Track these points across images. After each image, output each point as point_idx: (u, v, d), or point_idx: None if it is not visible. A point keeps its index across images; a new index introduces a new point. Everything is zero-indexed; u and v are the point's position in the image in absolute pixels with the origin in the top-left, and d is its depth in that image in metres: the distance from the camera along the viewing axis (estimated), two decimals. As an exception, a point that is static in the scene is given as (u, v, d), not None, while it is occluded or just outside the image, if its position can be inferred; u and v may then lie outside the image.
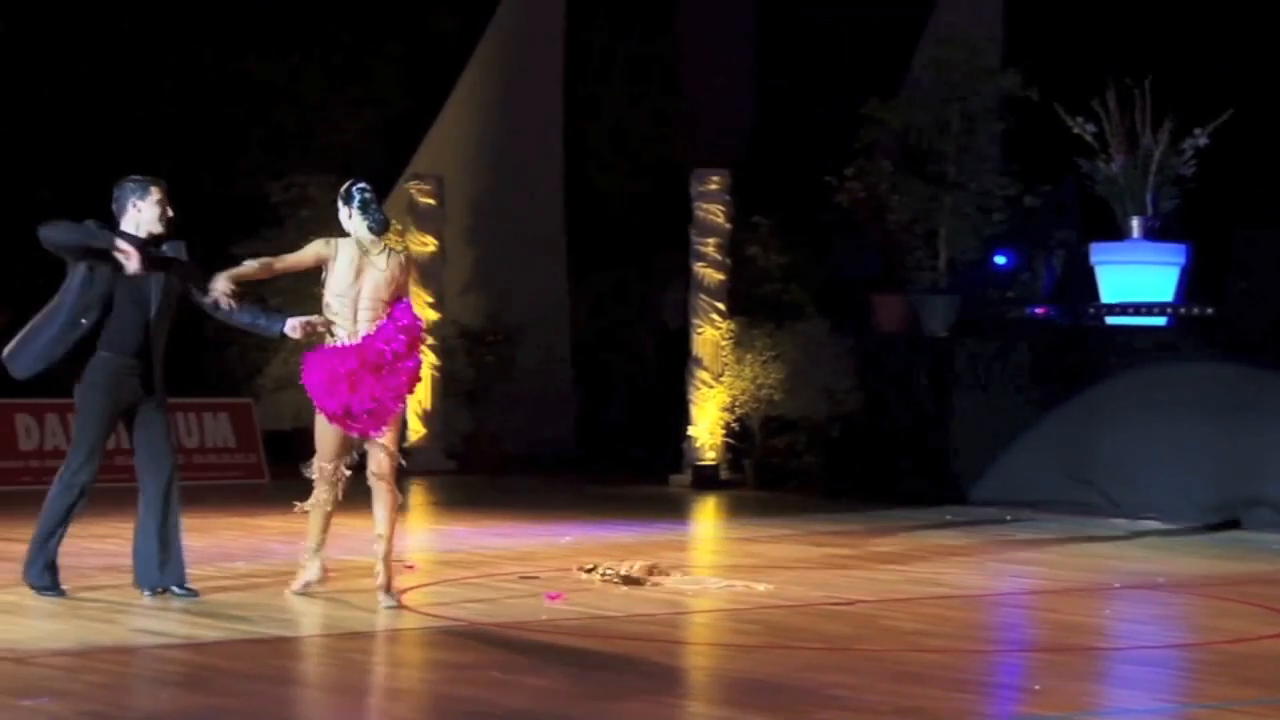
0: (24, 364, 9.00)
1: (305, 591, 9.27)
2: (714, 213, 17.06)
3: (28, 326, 9.03)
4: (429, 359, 17.92)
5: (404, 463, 9.30)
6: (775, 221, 17.10)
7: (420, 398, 17.89)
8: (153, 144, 16.99)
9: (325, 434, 9.12)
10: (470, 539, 12.27)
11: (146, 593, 9.01)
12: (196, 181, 17.36)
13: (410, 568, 10.70)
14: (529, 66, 19.55)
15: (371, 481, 9.03)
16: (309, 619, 8.78)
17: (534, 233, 19.53)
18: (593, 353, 19.84)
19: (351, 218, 9.15)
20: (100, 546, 10.85)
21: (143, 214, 9.04)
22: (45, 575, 9.07)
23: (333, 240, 9.19)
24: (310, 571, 9.32)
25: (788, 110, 19.66)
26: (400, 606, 8.91)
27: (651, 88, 20.23)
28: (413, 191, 18.02)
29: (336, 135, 18.29)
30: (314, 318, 9.14)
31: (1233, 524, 13.48)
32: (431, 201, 18.00)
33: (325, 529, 9.30)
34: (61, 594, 9.02)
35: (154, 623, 8.44)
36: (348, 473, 9.21)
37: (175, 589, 9.03)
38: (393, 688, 7.42)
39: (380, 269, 9.07)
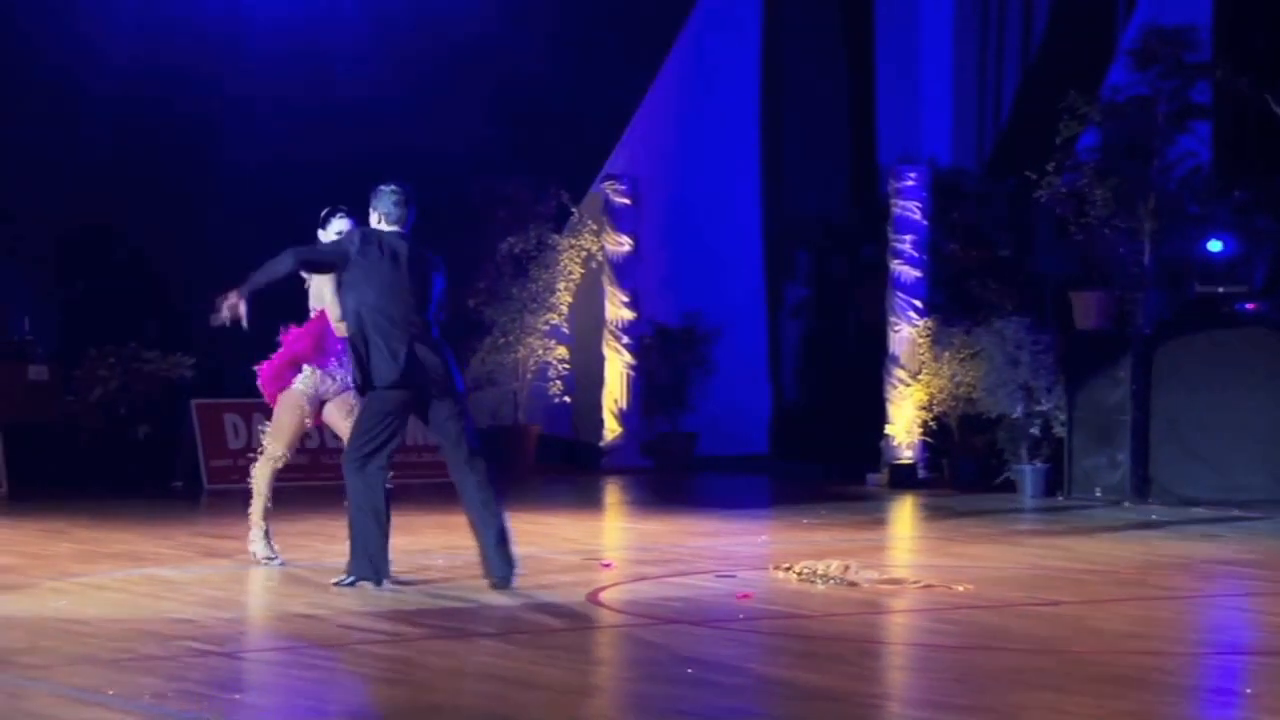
0: None
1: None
2: (911, 210, 16.90)
3: None
4: (625, 358, 18.03)
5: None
6: (974, 218, 16.89)
7: (616, 396, 17.98)
8: (356, 145, 17.28)
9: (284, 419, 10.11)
10: (666, 537, 12.30)
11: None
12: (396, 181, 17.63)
13: (607, 566, 10.75)
14: (725, 64, 19.54)
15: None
16: (508, 617, 8.85)
17: (730, 231, 19.52)
18: (790, 351, 19.77)
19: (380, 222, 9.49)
20: (306, 544, 11.06)
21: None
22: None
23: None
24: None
25: (983, 104, 19.41)
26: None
27: (849, 83, 20.10)
28: (608, 192, 18.11)
29: (532, 136, 18.44)
30: None
31: None
32: (627, 201, 18.08)
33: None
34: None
35: (358, 619, 8.57)
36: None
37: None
38: (589, 685, 7.44)
39: None
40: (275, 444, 10.13)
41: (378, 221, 9.44)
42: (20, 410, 15.42)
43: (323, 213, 10.03)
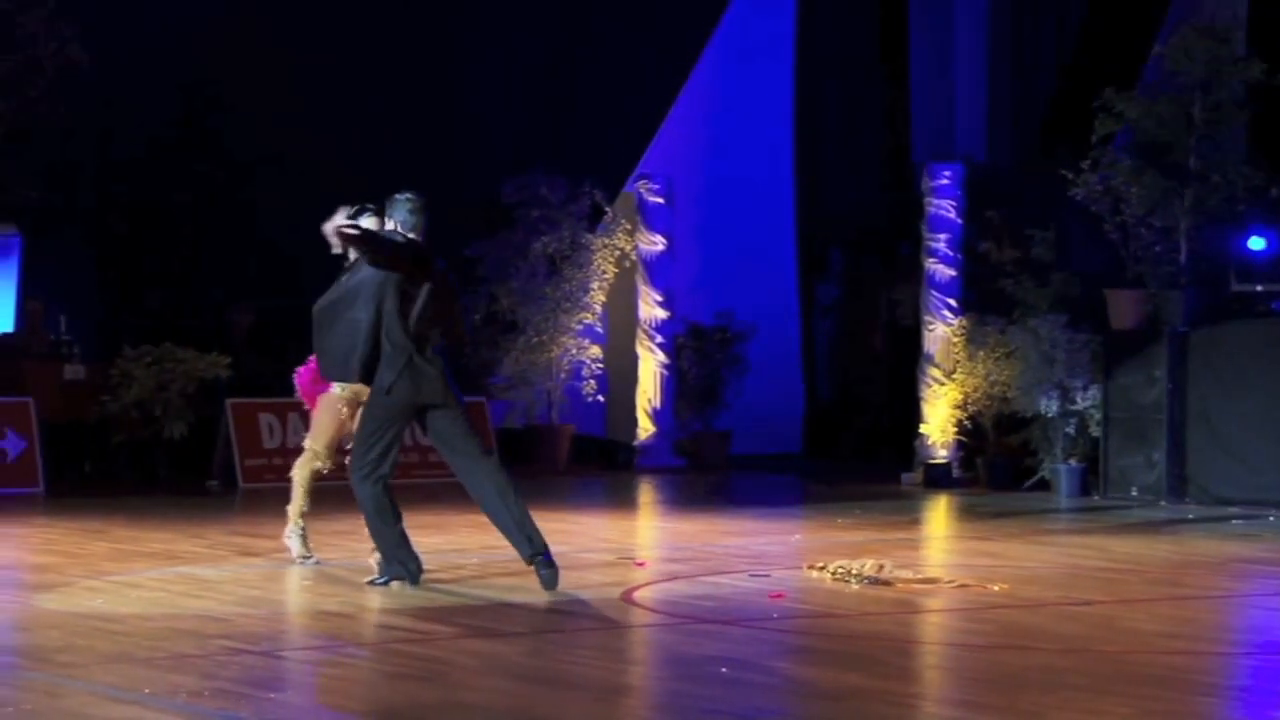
0: None
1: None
2: (946, 208, 16.86)
3: None
4: (658, 357, 18.03)
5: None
6: (1008, 216, 16.84)
7: (649, 395, 17.99)
8: (389, 146, 17.33)
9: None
10: (699, 537, 12.29)
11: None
12: (430, 183, 17.68)
13: (640, 565, 10.76)
14: (758, 64, 19.52)
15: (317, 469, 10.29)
16: (541, 616, 8.87)
17: (763, 230, 19.50)
18: (823, 350, 19.75)
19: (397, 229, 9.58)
20: (340, 543, 11.08)
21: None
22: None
23: None
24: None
25: (1017, 102, 19.35)
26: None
27: (883, 81, 20.07)
28: (642, 191, 18.12)
29: (565, 135, 18.47)
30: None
31: None
32: (660, 200, 18.09)
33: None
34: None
35: (391, 618, 8.59)
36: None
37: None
38: (622, 684, 7.45)
39: None
40: (315, 443, 10.16)
41: (393, 229, 9.47)
42: (57, 410, 15.50)
43: (351, 210, 10.04)
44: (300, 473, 10.23)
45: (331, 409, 10.08)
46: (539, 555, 9.26)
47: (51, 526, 12.45)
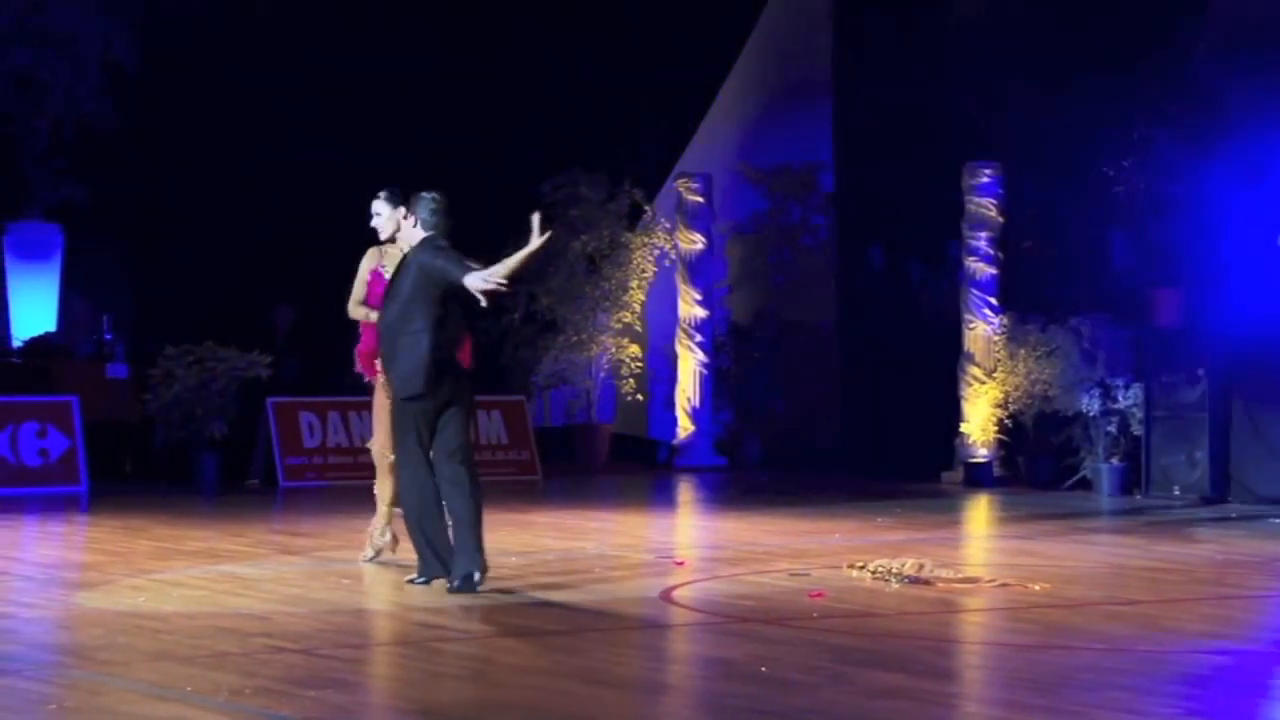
0: None
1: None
2: (986, 206, 16.81)
3: None
4: (698, 355, 18.02)
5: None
6: (1049, 214, 16.78)
7: (690, 394, 17.98)
8: (429, 145, 17.37)
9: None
10: (739, 535, 12.28)
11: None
12: (469, 181, 17.71)
13: (679, 564, 10.75)
14: (797, 62, 19.50)
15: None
16: (580, 614, 8.87)
17: (802, 229, 19.48)
18: (863, 349, 19.70)
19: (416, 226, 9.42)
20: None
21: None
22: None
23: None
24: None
25: (1058, 100, 19.26)
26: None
27: (922, 80, 20.00)
28: (681, 190, 18.11)
29: (607, 134, 18.48)
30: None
31: None
32: (699, 199, 18.07)
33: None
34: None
35: (433, 616, 8.60)
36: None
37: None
38: (662, 682, 7.44)
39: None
40: (381, 444, 10.11)
41: (413, 225, 9.41)
42: (100, 409, 15.58)
43: (385, 198, 10.01)
44: (383, 481, 10.12)
45: (385, 411, 9.97)
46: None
47: (94, 525, 12.51)
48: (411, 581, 9.40)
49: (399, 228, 9.69)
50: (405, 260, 9.36)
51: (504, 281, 9.03)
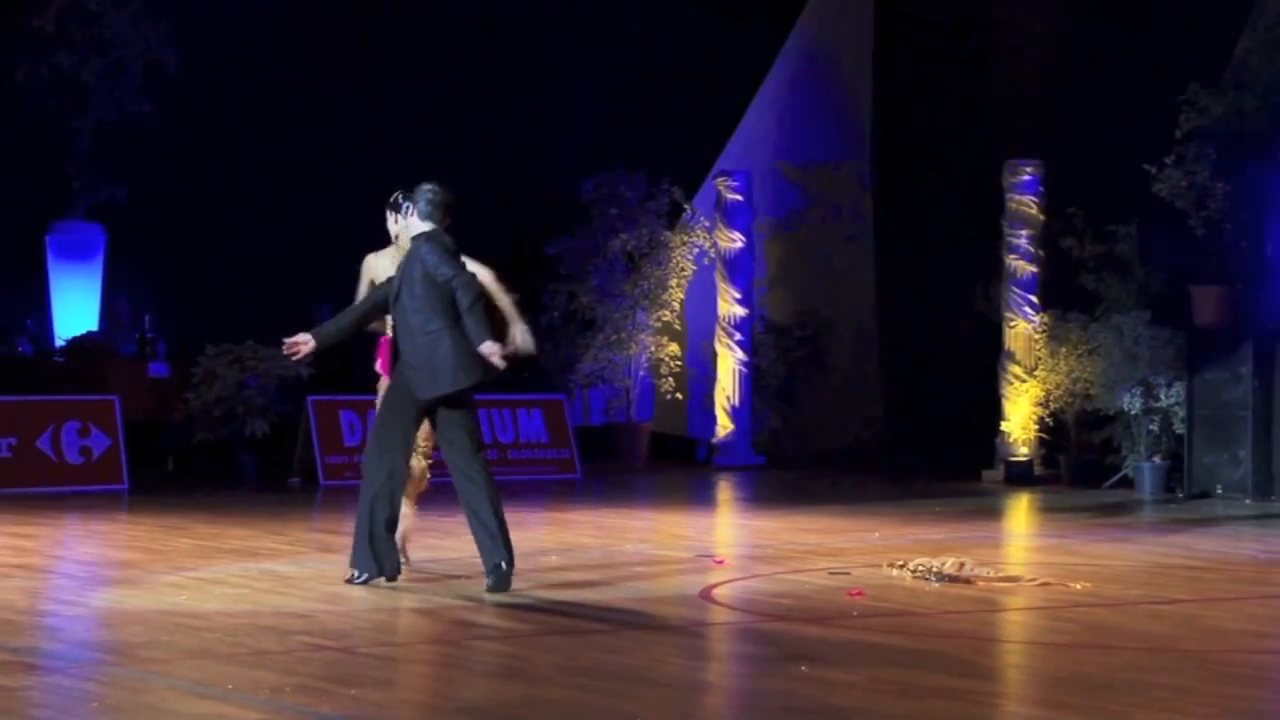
0: None
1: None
2: (1027, 204, 16.74)
3: None
4: (737, 354, 17.99)
5: None
6: (1090, 212, 16.70)
7: (729, 393, 17.96)
8: (470, 144, 17.39)
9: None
10: (779, 534, 12.26)
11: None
12: (509, 181, 17.76)
13: (719, 562, 10.74)
14: (837, 60, 19.46)
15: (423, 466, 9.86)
16: (620, 613, 8.86)
17: (842, 227, 19.44)
18: (902, 347, 19.64)
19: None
20: (420, 540, 11.12)
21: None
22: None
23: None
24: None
25: (1103, 97, 19.17)
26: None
27: (963, 77, 19.93)
28: (720, 188, 18.09)
29: (644, 133, 18.48)
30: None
31: None
32: (738, 197, 18.05)
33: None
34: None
35: (471, 614, 8.61)
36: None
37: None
38: (702, 681, 7.44)
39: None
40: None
41: (407, 216, 9.42)
42: (142, 408, 15.66)
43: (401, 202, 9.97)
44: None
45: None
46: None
47: (135, 523, 12.57)
48: (351, 581, 9.31)
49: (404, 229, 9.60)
50: (407, 262, 9.31)
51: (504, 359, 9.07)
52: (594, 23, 18.36)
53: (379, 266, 9.79)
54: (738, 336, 18.00)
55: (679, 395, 18.11)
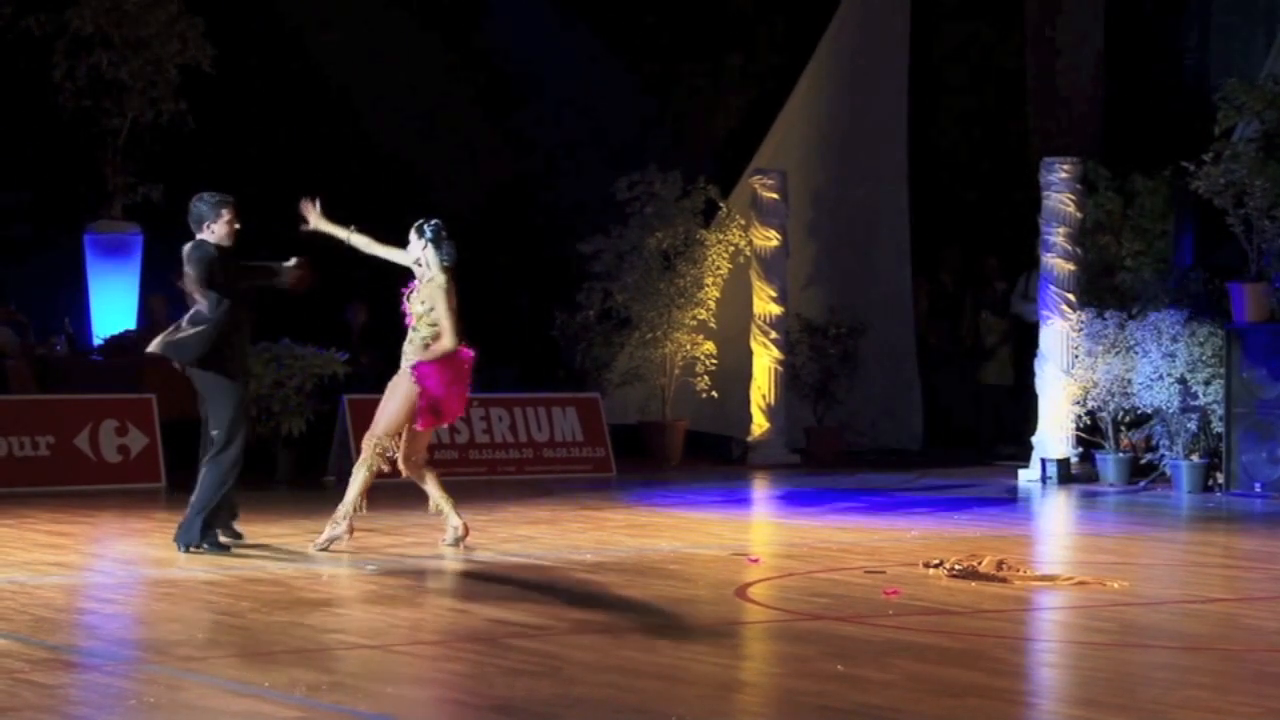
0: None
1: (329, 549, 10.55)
2: (1064, 201, 16.67)
3: None
4: (773, 353, 17.97)
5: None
6: (1128, 209, 16.63)
7: (764, 391, 17.93)
8: (502, 146, 17.42)
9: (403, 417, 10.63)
10: (814, 533, 12.24)
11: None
12: (544, 180, 17.77)
13: (754, 561, 10.73)
14: (872, 59, 19.40)
15: (414, 467, 10.70)
16: (655, 611, 8.86)
17: (877, 225, 19.39)
18: (938, 345, 19.59)
19: (425, 249, 10.70)
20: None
21: (215, 232, 10.97)
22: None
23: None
24: (339, 529, 10.67)
25: (1140, 94, 19.10)
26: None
27: (999, 74, 19.89)
28: (756, 186, 18.06)
29: (682, 132, 18.48)
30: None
31: None
32: (774, 196, 18.01)
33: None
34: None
35: (505, 613, 8.62)
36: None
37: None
38: (738, 680, 7.43)
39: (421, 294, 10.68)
40: (383, 431, 10.89)
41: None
42: (179, 407, 15.69)
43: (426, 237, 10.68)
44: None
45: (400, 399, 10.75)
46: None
47: (172, 521, 12.58)
48: (199, 548, 10.38)
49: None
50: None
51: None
52: (631, 20, 18.37)
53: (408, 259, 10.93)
54: (773, 335, 17.97)
55: (714, 394, 18.09)
